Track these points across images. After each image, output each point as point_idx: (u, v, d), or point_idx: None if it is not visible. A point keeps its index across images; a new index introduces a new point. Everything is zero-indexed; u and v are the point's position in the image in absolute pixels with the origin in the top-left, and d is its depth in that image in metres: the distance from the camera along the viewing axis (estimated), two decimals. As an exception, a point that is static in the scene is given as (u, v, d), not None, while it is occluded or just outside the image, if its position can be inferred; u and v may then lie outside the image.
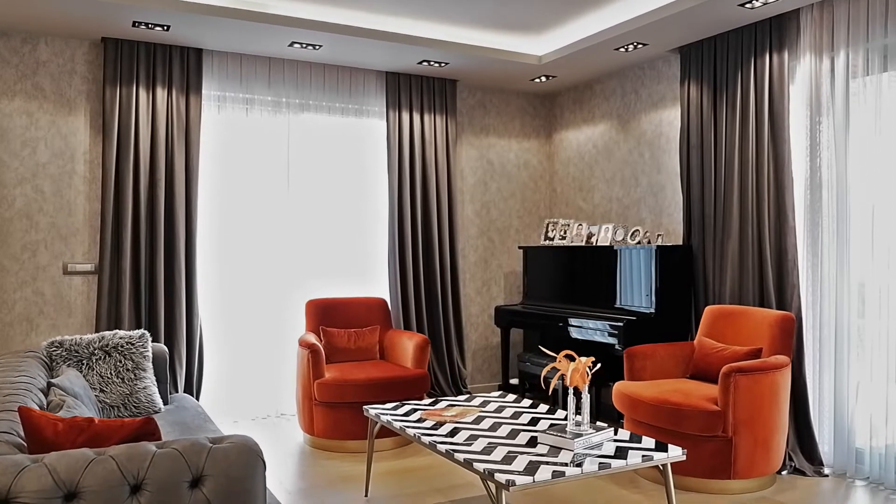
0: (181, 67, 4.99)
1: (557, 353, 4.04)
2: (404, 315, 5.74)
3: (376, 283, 5.83)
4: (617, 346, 4.74)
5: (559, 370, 3.00)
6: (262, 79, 5.33)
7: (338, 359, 4.92)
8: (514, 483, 2.51)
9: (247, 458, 1.87)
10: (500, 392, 4.07)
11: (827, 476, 4.01)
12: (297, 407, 4.69)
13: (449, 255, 5.93)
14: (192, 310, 4.99)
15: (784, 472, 4.05)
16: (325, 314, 5.10)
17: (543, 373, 3.00)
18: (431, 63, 5.45)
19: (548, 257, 5.71)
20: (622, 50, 5.08)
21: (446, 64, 5.48)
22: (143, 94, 4.86)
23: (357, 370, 4.58)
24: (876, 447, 3.92)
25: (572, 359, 4.15)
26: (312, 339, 4.65)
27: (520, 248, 6.02)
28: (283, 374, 5.44)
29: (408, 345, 4.83)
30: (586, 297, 5.31)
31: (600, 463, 2.70)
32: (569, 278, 5.49)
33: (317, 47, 5.01)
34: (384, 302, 5.33)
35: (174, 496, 1.76)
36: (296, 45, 4.98)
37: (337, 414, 4.43)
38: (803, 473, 4.03)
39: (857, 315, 4.06)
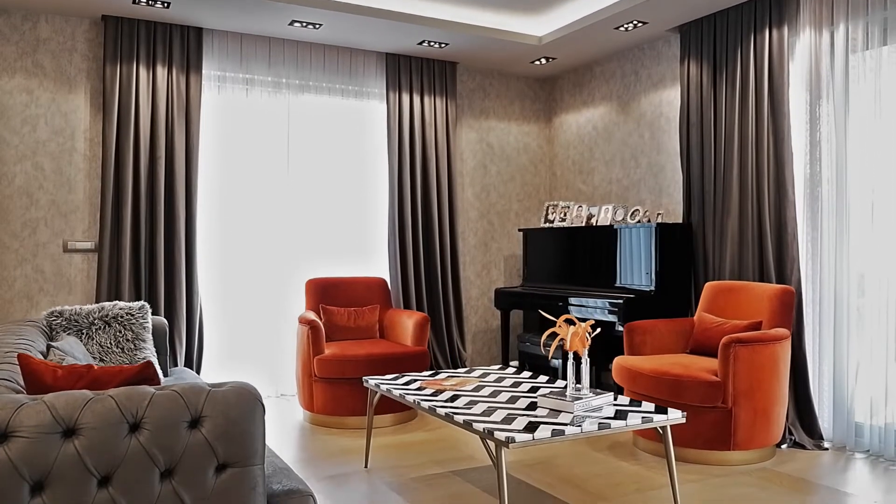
0: (181, 46, 4.99)
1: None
2: (404, 297, 5.74)
3: (376, 265, 5.83)
4: (618, 325, 4.74)
5: (559, 335, 3.00)
6: (261, 59, 5.33)
7: (338, 337, 4.92)
8: (513, 440, 2.51)
9: (246, 401, 1.87)
10: (501, 366, 4.07)
11: (827, 450, 4.01)
12: (296, 384, 4.69)
13: (449, 237, 5.93)
14: (191, 288, 4.99)
15: (784, 446, 4.05)
16: (325, 293, 5.10)
17: (543, 337, 2.99)
18: (431, 44, 5.45)
19: (548, 239, 5.71)
20: (622, 29, 5.08)
21: (446, 45, 5.48)
22: (143, 72, 4.86)
23: (357, 347, 4.58)
24: (875, 424, 3.92)
25: (572, 324, 4.15)
26: (312, 315, 4.65)
27: (520, 230, 6.01)
28: (284, 353, 5.44)
29: (407, 323, 4.83)
30: (586, 277, 5.31)
31: (600, 423, 2.70)
32: (569, 259, 5.49)
33: (317, 26, 5.02)
34: (384, 282, 5.34)
35: (173, 435, 1.76)
36: (296, 24, 4.98)
37: (336, 390, 4.43)
38: (803, 447, 4.03)
39: (857, 294, 4.06)
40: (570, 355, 3.03)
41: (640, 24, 4.97)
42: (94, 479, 1.68)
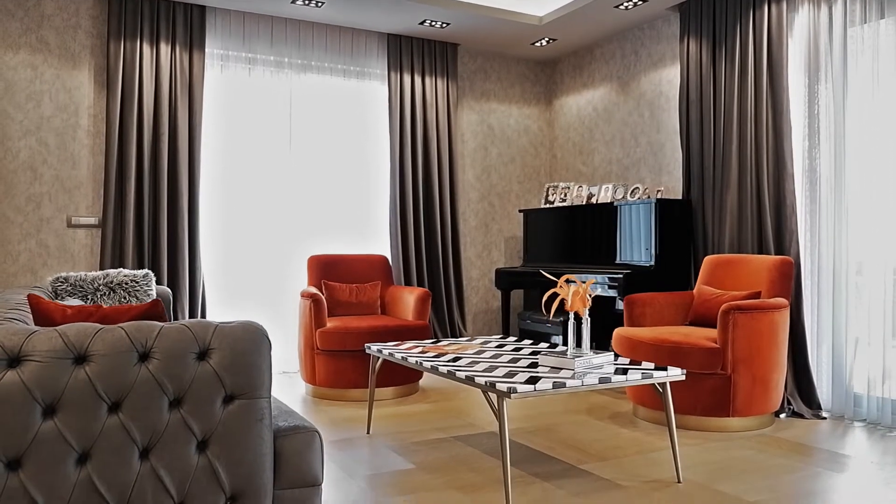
0: (184, 24, 5.03)
1: (556, 312, 4.08)
2: (405, 277, 5.78)
3: (377, 245, 5.86)
4: (618, 301, 4.77)
5: (560, 295, 3.03)
6: (264, 38, 5.37)
7: (339, 312, 4.95)
8: (515, 390, 2.54)
9: (252, 336, 1.90)
10: (502, 336, 4.10)
11: (825, 419, 4.04)
12: (299, 358, 4.73)
13: (450, 218, 5.96)
14: (194, 263, 5.03)
15: (783, 416, 4.09)
16: (326, 269, 5.13)
17: (544, 298, 3.03)
18: (433, 23, 5.48)
19: (548, 219, 5.75)
20: (622, 7, 5.11)
21: (447, 24, 5.51)
22: (146, 49, 4.90)
23: (358, 321, 4.62)
24: (874, 395, 3.95)
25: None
26: (314, 289, 4.69)
27: (520, 211, 6.05)
28: (286, 330, 5.48)
29: (409, 298, 4.86)
30: (587, 255, 5.35)
31: (600, 377, 2.73)
32: (569, 238, 5.52)
33: (319, 4, 5.05)
34: (386, 259, 5.37)
35: (181, 365, 1.79)
36: (298, 2, 5.01)
37: (338, 363, 4.46)
38: (801, 416, 4.06)
39: (856, 270, 4.09)
40: (571, 315, 3.06)
41: (639, 3, 5.00)
42: (105, 405, 1.71)
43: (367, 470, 3.11)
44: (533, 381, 2.65)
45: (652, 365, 3.04)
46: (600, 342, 5.38)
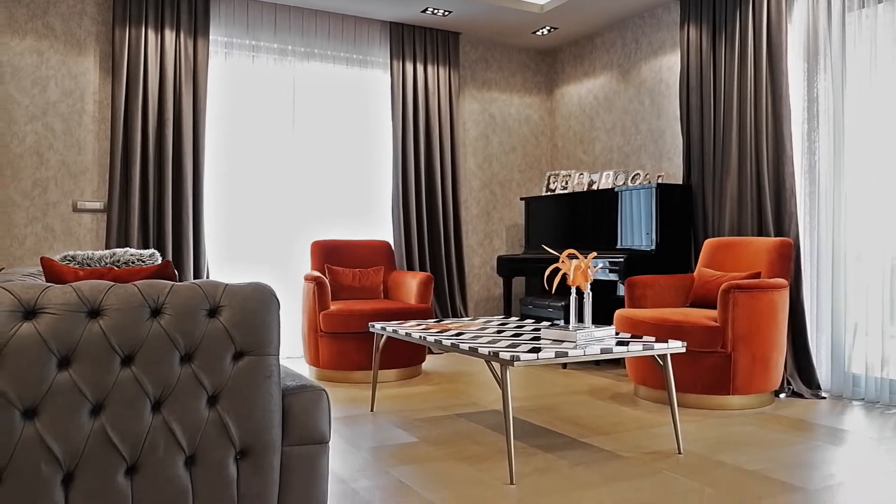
0: (189, 11, 5.07)
1: (557, 297, 4.12)
2: (408, 265, 5.82)
3: (380, 233, 5.90)
4: (620, 286, 4.81)
5: (562, 270, 3.07)
6: (267, 26, 5.41)
7: (343, 296, 4.99)
8: (518, 359, 2.58)
9: (261, 295, 1.94)
10: (504, 316, 4.14)
11: (824, 398, 4.08)
12: (302, 341, 4.77)
13: (452, 206, 6.00)
14: (199, 249, 5.07)
15: (782, 396, 4.12)
16: (329, 254, 5.17)
17: (546, 273, 3.07)
18: (435, 11, 5.52)
19: (549, 206, 5.78)
20: (623, -5, 5.15)
21: (449, 13, 5.55)
22: (151, 36, 4.94)
23: (362, 304, 4.66)
24: (872, 375, 3.99)
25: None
26: (318, 273, 4.72)
27: (521, 199, 6.09)
28: (288, 315, 5.52)
29: (411, 283, 4.90)
30: (588, 241, 5.38)
31: (602, 348, 2.77)
32: (570, 225, 5.56)
33: (322, -8, 5.09)
34: (388, 245, 5.41)
35: (192, 321, 1.83)
36: (301, -10, 5.05)
37: (342, 345, 4.50)
38: (801, 396, 4.10)
39: (854, 257, 4.12)
40: (573, 290, 3.10)
41: (640, -10, 5.04)
42: (118, 358, 1.75)
43: (372, 443, 3.15)
44: (535, 350, 2.69)
45: (653, 338, 3.08)
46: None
